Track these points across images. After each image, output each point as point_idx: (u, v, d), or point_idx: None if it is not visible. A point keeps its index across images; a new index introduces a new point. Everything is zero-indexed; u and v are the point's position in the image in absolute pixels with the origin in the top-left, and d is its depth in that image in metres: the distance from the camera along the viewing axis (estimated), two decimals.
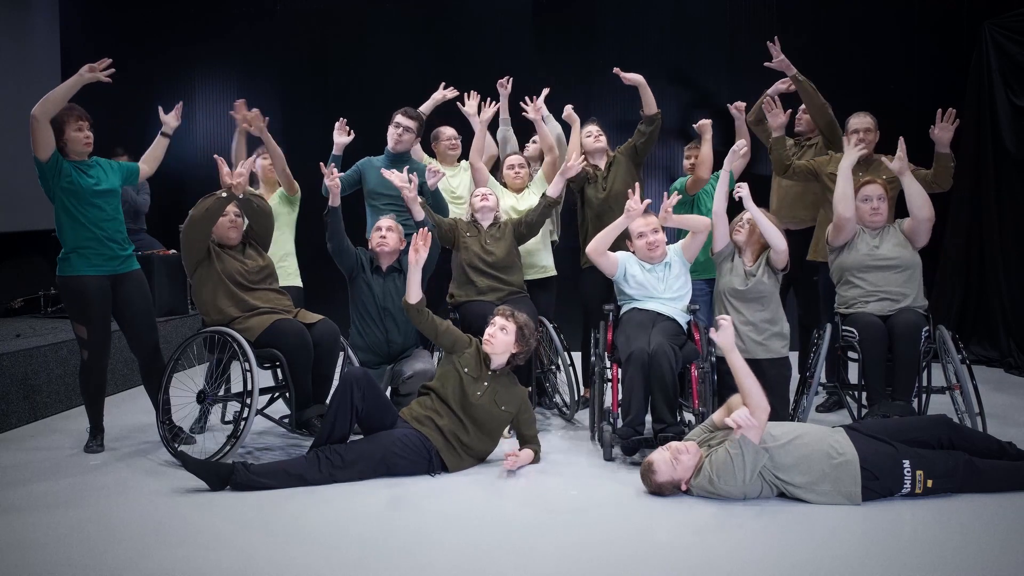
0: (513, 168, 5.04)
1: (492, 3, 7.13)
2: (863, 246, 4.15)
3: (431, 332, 3.92)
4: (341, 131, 4.92)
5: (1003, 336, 6.12)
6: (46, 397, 4.80)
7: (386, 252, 4.38)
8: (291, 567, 2.70)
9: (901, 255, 4.10)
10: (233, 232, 4.09)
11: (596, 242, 4.25)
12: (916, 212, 4.09)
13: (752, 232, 4.19)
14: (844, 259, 4.18)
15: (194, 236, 3.95)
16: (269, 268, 4.16)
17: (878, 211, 4.15)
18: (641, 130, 4.83)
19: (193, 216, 3.94)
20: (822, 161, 4.60)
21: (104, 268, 4.01)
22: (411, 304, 3.86)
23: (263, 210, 4.18)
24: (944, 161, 4.32)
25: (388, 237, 4.38)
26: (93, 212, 3.96)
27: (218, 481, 3.39)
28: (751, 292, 4.12)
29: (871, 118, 4.53)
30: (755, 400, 3.26)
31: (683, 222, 4.32)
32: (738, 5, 6.80)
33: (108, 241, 4.00)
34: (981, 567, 2.67)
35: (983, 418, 3.85)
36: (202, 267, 3.99)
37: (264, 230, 4.21)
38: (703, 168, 4.79)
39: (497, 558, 2.77)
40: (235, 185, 3.93)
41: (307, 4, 7.30)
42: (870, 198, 4.16)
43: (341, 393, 3.55)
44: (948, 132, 4.26)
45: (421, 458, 3.61)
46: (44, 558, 2.76)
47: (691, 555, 2.78)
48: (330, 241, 4.33)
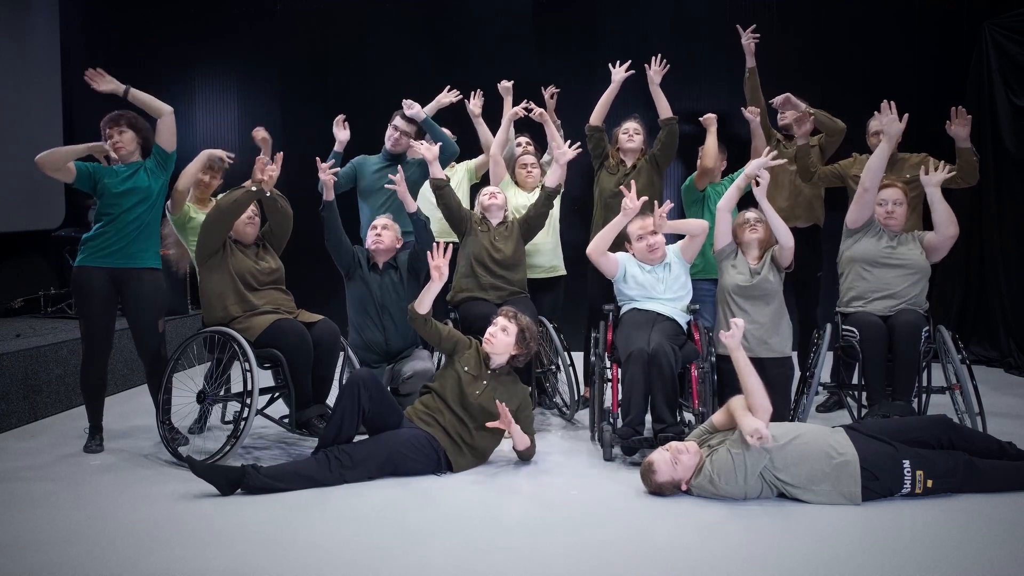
0: (526, 167, 5.06)
1: (492, 3, 7.12)
2: (881, 241, 4.13)
3: (433, 339, 3.94)
4: (341, 127, 4.92)
5: (1003, 336, 6.12)
6: (46, 397, 4.80)
7: (382, 249, 4.40)
8: (291, 567, 2.70)
9: (916, 260, 4.09)
10: (250, 229, 4.10)
11: (596, 243, 4.26)
12: (942, 229, 4.06)
13: (767, 230, 4.19)
14: (859, 248, 4.14)
15: (217, 226, 3.96)
16: (279, 272, 4.16)
17: (893, 215, 4.13)
18: (659, 137, 4.82)
19: (220, 205, 3.96)
20: (846, 164, 4.59)
21: (107, 261, 4.01)
22: (419, 314, 3.87)
23: (285, 212, 4.18)
24: (967, 156, 4.31)
25: (383, 235, 4.40)
26: (114, 208, 3.99)
27: (228, 485, 3.36)
28: (756, 289, 4.11)
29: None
30: (757, 400, 3.27)
31: (679, 227, 4.32)
32: (738, 5, 6.79)
33: (115, 234, 3.99)
34: (981, 567, 2.67)
35: (983, 418, 3.85)
36: (215, 258, 3.99)
37: (282, 231, 4.21)
38: (708, 158, 4.78)
39: (497, 558, 2.77)
40: (266, 180, 3.95)
41: (307, 4, 7.29)
42: (886, 201, 4.13)
43: (349, 394, 3.55)
44: (965, 127, 4.25)
45: (429, 458, 3.62)
46: (44, 558, 2.76)
47: (691, 555, 2.78)
48: (327, 237, 4.35)
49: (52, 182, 6.87)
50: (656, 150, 4.83)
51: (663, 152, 4.83)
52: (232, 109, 7.31)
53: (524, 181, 5.06)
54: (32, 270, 6.81)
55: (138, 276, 4.06)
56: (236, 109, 7.33)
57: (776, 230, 4.11)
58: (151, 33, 7.29)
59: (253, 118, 7.32)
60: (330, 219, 4.32)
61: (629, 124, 4.90)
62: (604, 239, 4.24)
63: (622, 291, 4.27)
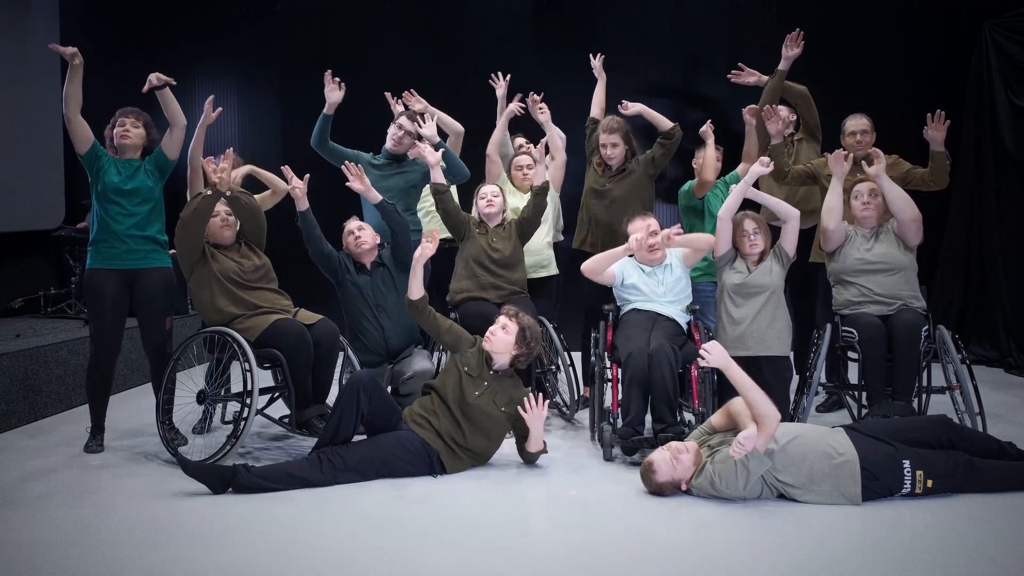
0: (521, 169, 5.06)
1: (492, 3, 7.12)
2: (855, 250, 4.18)
3: (433, 330, 3.92)
4: (334, 86, 4.72)
5: (1003, 336, 6.12)
6: (46, 397, 4.80)
7: (365, 250, 4.40)
8: (291, 567, 2.70)
9: (893, 257, 4.11)
10: (227, 231, 4.09)
11: (591, 265, 4.25)
12: (899, 214, 4.13)
13: (766, 240, 4.20)
14: (837, 264, 4.23)
15: (188, 237, 3.95)
16: (266, 267, 4.16)
17: (869, 205, 4.19)
18: (660, 142, 4.79)
19: (184, 217, 3.95)
20: (819, 163, 4.60)
21: (117, 263, 4.01)
22: (413, 300, 3.89)
23: (251, 207, 4.15)
24: (939, 160, 4.37)
25: (363, 236, 4.41)
26: (112, 208, 3.99)
27: (219, 484, 3.37)
28: (751, 284, 4.11)
29: (867, 120, 4.55)
30: (762, 411, 3.21)
31: (686, 242, 4.31)
32: (738, 5, 6.80)
33: (123, 236, 4.00)
34: (981, 567, 2.67)
35: (983, 418, 3.85)
36: (198, 268, 3.99)
37: (256, 227, 4.18)
38: (707, 171, 4.78)
39: (497, 558, 2.77)
40: (219, 181, 3.92)
41: (307, 4, 7.29)
42: (860, 193, 4.21)
43: (348, 396, 3.55)
44: (940, 132, 4.32)
45: (423, 462, 3.61)
46: (44, 558, 2.76)
47: (691, 555, 2.78)
48: (308, 246, 4.33)
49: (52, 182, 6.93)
50: (657, 154, 4.80)
51: (663, 158, 4.81)
52: (232, 109, 7.30)
53: (521, 183, 5.05)
54: (32, 270, 6.81)
55: (148, 275, 4.08)
56: (236, 109, 7.33)
57: (776, 208, 4.19)
58: (151, 33, 7.29)
59: (253, 118, 7.34)
60: (307, 228, 4.29)
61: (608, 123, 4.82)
62: (600, 264, 4.24)
63: (621, 295, 4.27)
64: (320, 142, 4.74)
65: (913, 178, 4.46)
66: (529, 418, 3.68)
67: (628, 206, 4.61)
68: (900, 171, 4.46)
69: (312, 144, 4.76)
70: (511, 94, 5.11)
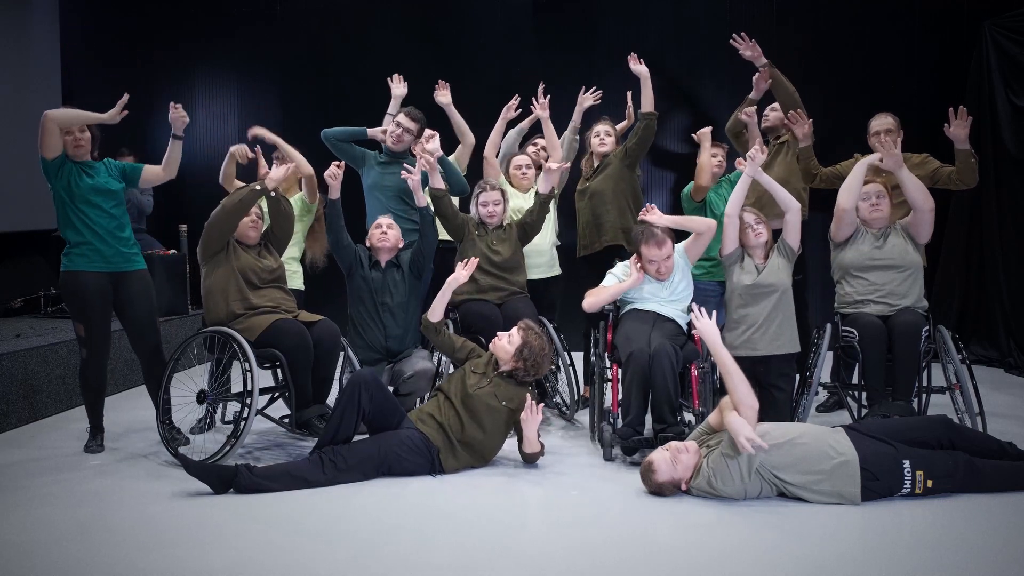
0: (520, 168, 5.05)
1: (492, 3, 7.12)
2: (866, 245, 4.15)
3: (447, 349, 3.99)
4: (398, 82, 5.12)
5: (1003, 336, 6.12)
6: (46, 397, 4.80)
7: (386, 248, 4.43)
8: (291, 567, 2.70)
9: (903, 256, 4.10)
10: (253, 232, 4.13)
11: (593, 302, 4.18)
12: (917, 204, 4.09)
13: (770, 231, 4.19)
14: (846, 256, 4.18)
15: (222, 226, 3.99)
16: (280, 271, 4.19)
17: (878, 207, 4.16)
18: (636, 129, 4.81)
19: (225, 205, 4.00)
20: (847, 165, 4.58)
21: (103, 266, 4.02)
22: (432, 322, 3.95)
23: (287, 213, 4.23)
24: (965, 157, 4.31)
25: (389, 233, 4.45)
26: (90, 210, 3.98)
27: (220, 484, 3.38)
28: (762, 284, 4.10)
29: (892, 118, 4.48)
30: (740, 396, 3.27)
31: (683, 223, 4.29)
32: (738, 5, 6.80)
33: (108, 238, 4.01)
34: (981, 567, 2.67)
35: (983, 418, 3.85)
36: (217, 259, 4.01)
37: (283, 232, 4.25)
38: (703, 176, 4.77)
39: (497, 558, 2.77)
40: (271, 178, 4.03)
41: (308, 5, 7.30)
42: (869, 195, 4.17)
43: (349, 395, 3.56)
44: (964, 128, 4.24)
45: (423, 459, 3.61)
46: (44, 558, 2.76)
47: (691, 555, 2.78)
48: (328, 234, 4.40)
49: None
50: (630, 144, 4.81)
51: (638, 146, 4.81)
52: (232, 110, 7.31)
53: (519, 183, 5.05)
54: (32, 270, 6.81)
55: (133, 277, 4.11)
56: (236, 110, 7.34)
57: (778, 196, 4.17)
58: (151, 33, 7.29)
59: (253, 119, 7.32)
60: (333, 216, 4.36)
61: (599, 127, 4.91)
62: (601, 299, 4.20)
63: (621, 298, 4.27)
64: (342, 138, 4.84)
65: (941, 177, 4.41)
66: (523, 420, 3.70)
67: (606, 199, 4.71)
68: (927, 170, 4.42)
69: (329, 135, 4.81)
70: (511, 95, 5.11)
